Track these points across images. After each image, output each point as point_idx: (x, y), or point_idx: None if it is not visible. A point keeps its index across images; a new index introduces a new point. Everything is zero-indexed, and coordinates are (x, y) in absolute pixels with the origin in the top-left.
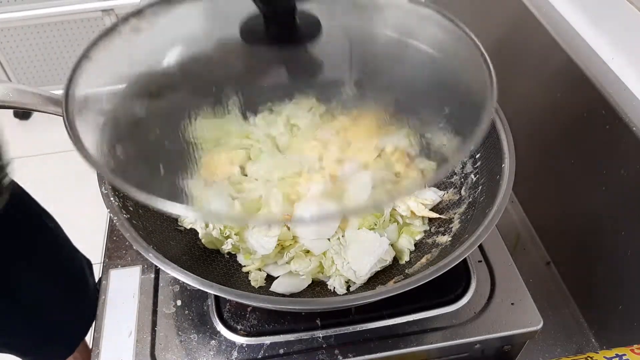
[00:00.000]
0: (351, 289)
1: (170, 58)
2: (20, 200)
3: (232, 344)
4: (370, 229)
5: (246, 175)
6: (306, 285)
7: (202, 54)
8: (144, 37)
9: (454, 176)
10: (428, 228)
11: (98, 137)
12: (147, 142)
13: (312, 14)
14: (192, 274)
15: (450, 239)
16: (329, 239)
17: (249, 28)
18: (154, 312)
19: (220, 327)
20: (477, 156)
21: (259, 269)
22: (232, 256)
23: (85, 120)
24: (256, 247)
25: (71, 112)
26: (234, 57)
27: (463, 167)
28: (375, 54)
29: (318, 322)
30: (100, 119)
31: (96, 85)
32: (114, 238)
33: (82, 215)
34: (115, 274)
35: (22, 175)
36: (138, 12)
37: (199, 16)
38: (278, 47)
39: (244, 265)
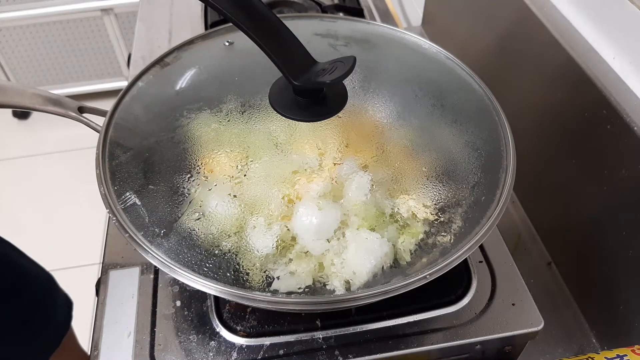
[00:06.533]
0: (351, 289)
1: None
2: None
3: (232, 344)
4: (370, 230)
5: (246, 175)
6: (306, 286)
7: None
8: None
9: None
10: (429, 228)
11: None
12: (146, 142)
13: (341, 85)
14: (191, 275)
15: (451, 239)
16: (328, 240)
17: (277, 93)
18: (153, 312)
19: (219, 328)
20: (478, 156)
21: (259, 269)
22: (232, 256)
23: None
24: (256, 247)
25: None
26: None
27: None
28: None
29: (318, 322)
30: None
31: None
32: (113, 238)
33: (81, 215)
34: (114, 275)
35: (21, 175)
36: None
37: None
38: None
39: (244, 266)
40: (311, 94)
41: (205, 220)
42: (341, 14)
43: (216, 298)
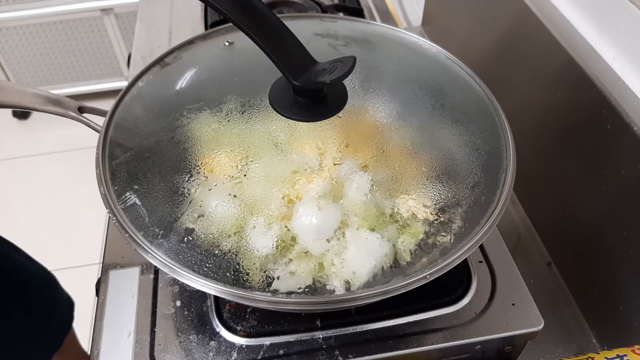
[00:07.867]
0: (351, 289)
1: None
2: None
3: (232, 344)
4: (370, 230)
5: (246, 176)
6: (306, 286)
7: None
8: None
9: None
10: (429, 228)
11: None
12: (146, 142)
13: (341, 85)
14: (191, 275)
15: (451, 239)
16: (328, 240)
17: (277, 93)
18: (153, 312)
19: (219, 328)
20: (478, 156)
21: (259, 269)
22: (232, 256)
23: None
24: (256, 247)
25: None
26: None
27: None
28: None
29: (318, 322)
30: None
31: None
32: (113, 238)
33: (81, 215)
34: (114, 275)
35: (21, 175)
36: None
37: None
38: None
39: (244, 266)
40: (311, 94)
41: (205, 220)
42: (341, 14)
43: (216, 298)
